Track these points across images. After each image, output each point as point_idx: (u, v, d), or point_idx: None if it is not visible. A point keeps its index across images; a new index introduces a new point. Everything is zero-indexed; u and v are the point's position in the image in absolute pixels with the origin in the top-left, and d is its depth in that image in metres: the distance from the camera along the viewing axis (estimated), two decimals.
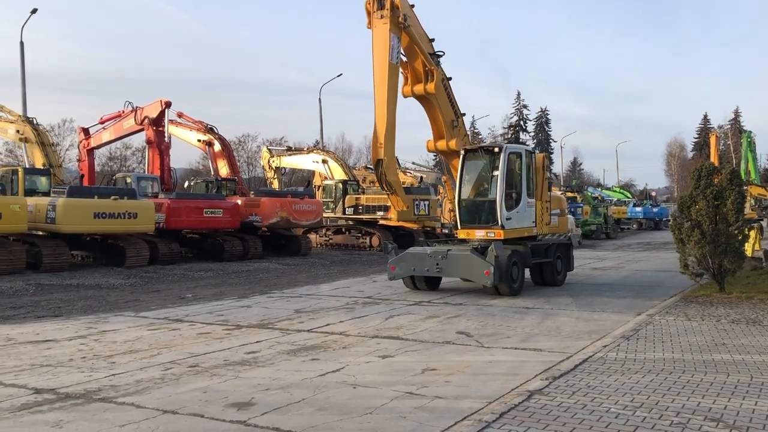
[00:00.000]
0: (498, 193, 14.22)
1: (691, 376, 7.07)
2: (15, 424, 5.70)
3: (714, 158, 48.57)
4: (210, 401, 6.37)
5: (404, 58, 15.72)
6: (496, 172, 14.33)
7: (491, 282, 13.40)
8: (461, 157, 14.82)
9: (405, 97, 16.02)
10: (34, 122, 26.55)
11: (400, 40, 14.87)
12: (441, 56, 15.96)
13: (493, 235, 14.22)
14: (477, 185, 15.07)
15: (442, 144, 16.28)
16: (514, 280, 14.10)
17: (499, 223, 14.19)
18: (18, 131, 26.30)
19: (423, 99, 15.99)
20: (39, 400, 6.44)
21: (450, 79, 16.12)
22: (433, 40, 15.99)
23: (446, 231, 15.83)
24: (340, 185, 30.85)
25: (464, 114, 16.61)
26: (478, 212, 14.76)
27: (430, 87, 15.52)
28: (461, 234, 14.92)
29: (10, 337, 9.80)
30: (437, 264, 13.95)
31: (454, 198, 14.96)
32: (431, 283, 15.23)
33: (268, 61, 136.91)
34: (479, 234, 14.53)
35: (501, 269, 13.47)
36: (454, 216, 14.91)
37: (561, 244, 16.63)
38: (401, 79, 16.03)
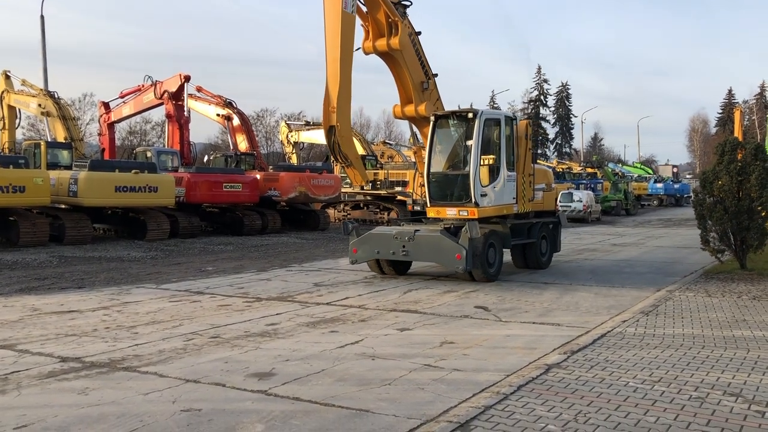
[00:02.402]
0: (472, 165, 12.55)
1: (711, 352, 7.05)
2: (43, 391, 5.85)
3: (738, 134, 47.68)
4: (231, 371, 6.48)
5: (364, 8, 13.44)
6: (470, 142, 12.66)
7: (463, 267, 11.95)
8: (431, 124, 13.14)
9: (366, 53, 13.77)
10: (56, 96, 26.76)
11: None
12: (408, 6, 13.78)
13: (466, 214, 12.69)
14: (449, 156, 13.42)
15: (410, 109, 14.04)
16: (491, 264, 12.67)
17: (473, 200, 12.56)
18: (40, 105, 26.55)
19: (387, 56, 13.71)
20: (65, 368, 6.59)
21: (419, 33, 13.98)
22: None
23: (417, 208, 14.01)
24: None
25: (437, 75, 14.42)
26: (449, 187, 13.13)
27: (394, 42, 13.26)
28: (431, 212, 13.37)
29: (35, 307, 10.00)
30: (403, 246, 12.43)
31: (424, 171, 13.34)
32: (398, 268, 13.70)
33: (288, 35, 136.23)
34: (450, 212, 12.97)
35: (475, 252, 12.06)
36: (425, 191, 13.37)
37: (546, 223, 14.99)
38: (361, 32, 13.69)
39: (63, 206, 19.84)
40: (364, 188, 27.54)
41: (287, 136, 37.14)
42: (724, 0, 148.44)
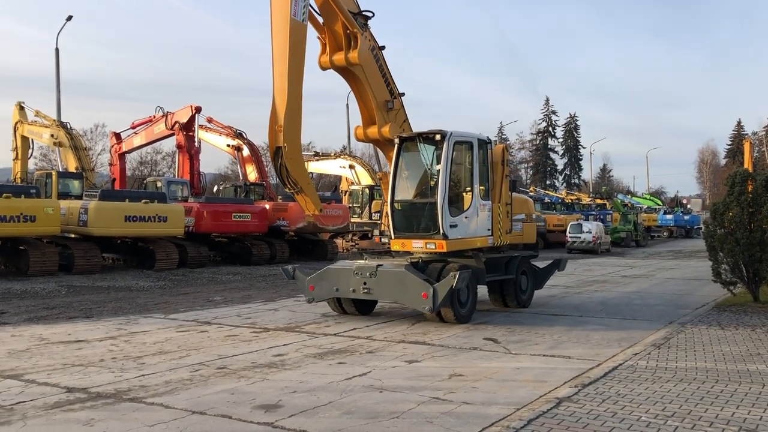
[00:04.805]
0: (440, 193, 11.35)
1: (725, 386, 6.92)
2: (48, 422, 5.80)
3: (748, 165, 47.59)
4: (238, 403, 6.41)
5: (320, 19, 12.12)
6: (438, 167, 11.50)
7: (430, 307, 10.60)
8: (396, 147, 12.03)
9: (323, 69, 12.50)
10: (68, 127, 27.11)
11: None
12: (370, 17, 12.40)
13: (433, 247, 11.48)
14: (415, 183, 12.21)
15: (373, 131, 12.72)
16: (462, 304, 11.34)
17: (441, 231, 11.33)
18: (52, 135, 26.87)
19: (346, 72, 12.39)
20: (71, 398, 6.54)
21: (383, 48, 12.65)
22: None
23: (385, 240, 12.85)
24: (367, 190, 30.92)
25: (403, 94, 13.11)
26: (415, 217, 11.92)
27: (353, 56, 11.96)
28: (395, 245, 12.08)
29: (43, 336, 9.98)
30: (365, 283, 11.22)
31: (388, 199, 12.20)
32: (362, 307, 12.32)
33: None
34: (417, 245, 11.72)
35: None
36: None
37: (526, 257, 13.65)
38: (316, 44, 12.40)
39: (73, 235, 19.93)
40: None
41: None
42: (732, 32, 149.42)
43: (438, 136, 11.61)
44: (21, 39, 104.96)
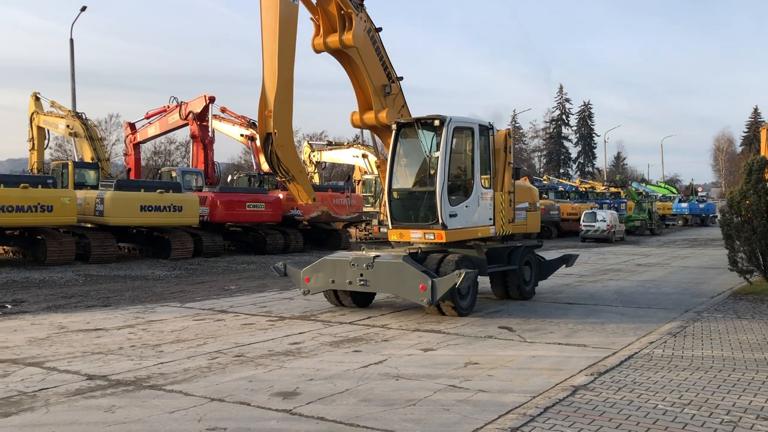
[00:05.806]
0: (438, 181, 10.92)
1: (742, 374, 6.91)
2: (70, 408, 5.89)
3: (765, 152, 47.07)
4: (256, 390, 6.48)
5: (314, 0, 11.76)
6: (437, 154, 11.03)
7: (428, 300, 10.20)
8: (393, 133, 11.54)
9: (317, 52, 12.05)
10: (83, 117, 27.27)
11: None
12: None
13: (432, 237, 11.10)
14: (413, 171, 11.76)
15: (369, 117, 12.26)
16: (463, 296, 10.91)
17: (440, 221, 10.92)
18: (68, 126, 27.06)
19: (341, 55, 11.93)
20: (92, 386, 6.64)
21: (380, 30, 12.16)
22: None
23: (384, 230, 12.40)
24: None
25: (401, 78, 12.59)
26: (413, 207, 11.50)
27: (348, 38, 11.50)
28: (393, 235, 11.66)
29: (62, 325, 10.11)
30: (361, 275, 10.83)
31: (385, 188, 11.78)
32: (359, 299, 11.92)
33: (310, 55, 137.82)
34: (415, 235, 11.32)
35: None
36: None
37: (530, 247, 13.18)
38: (309, 26, 12.11)
39: (89, 225, 20.11)
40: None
41: (310, 156, 37.41)
42: (749, 19, 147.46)
43: (437, 122, 11.12)
44: (36, 31, 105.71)
